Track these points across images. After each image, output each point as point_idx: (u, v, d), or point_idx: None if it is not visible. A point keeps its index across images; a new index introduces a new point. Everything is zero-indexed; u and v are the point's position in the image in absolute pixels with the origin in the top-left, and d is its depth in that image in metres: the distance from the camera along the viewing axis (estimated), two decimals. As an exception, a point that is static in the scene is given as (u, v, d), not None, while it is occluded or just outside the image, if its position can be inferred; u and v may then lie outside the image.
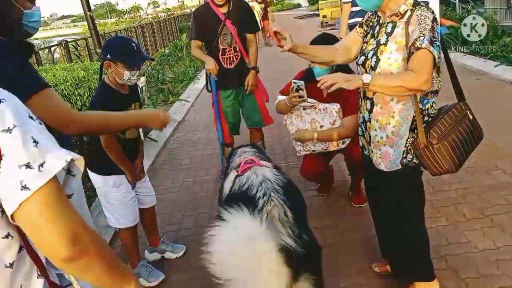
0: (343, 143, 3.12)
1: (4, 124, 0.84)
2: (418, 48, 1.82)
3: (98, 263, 0.96)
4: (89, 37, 7.54)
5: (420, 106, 1.99)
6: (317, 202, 3.58)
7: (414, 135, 2.01)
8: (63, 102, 1.76)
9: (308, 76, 3.05)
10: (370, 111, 2.12)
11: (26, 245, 0.96)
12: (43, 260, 1.01)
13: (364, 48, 2.14)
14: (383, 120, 2.07)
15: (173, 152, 5.45)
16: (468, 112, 2.04)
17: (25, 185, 0.83)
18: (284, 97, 3.12)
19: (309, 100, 3.02)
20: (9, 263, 0.94)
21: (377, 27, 2.08)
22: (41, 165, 0.85)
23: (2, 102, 0.87)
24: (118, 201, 2.65)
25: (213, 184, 4.18)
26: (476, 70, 7.09)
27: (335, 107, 3.04)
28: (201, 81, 9.65)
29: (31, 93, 1.53)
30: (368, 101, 2.13)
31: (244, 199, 1.90)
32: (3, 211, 0.88)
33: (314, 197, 3.65)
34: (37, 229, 0.87)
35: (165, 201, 3.95)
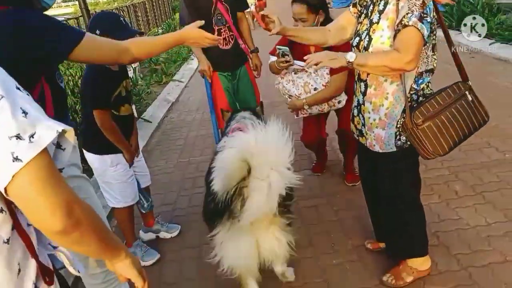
0: (339, 102, 3.17)
1: None
2: (405, 26, 1.77)
3: (91, 235, 0.96)
4: (80, 16, 7.41)
5: (415, 86, 1.95)
6: (311, 181, 3.59)
7: (405, 116, 1.94)
8: (106, 39, 1.80)
9: None
10: (364, 94, 2.08)
11: (16, 225, 0.96)
12: (34, 242, 1.01)
13: (358, 29, 2.09)
14: (377, 101, 2.03)
15: (167, 133, 5.43)
16: (467, 92, 1.95)
17: (17, 156, 0.81)
18: (275, 58, 3.15)
19: (298, 63, 3.04)
20: (6, 239, 0.94)
21: (371, 7, 2.03)
22: (32, 136, 0.83)
23: None
24: (116, 180, 2.64)
25: (207, 164, 4.17)
26: (472, 49, 7.04)
27: (325, 68, 3.04)
28: (194, 61, 9.55)
29: (75, 43, 1.56)
30: (362, 83, 2.09)
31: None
32: None
33: (308, 177, 3.66)
34: (31, 201, 0.85)
35: (159, 181, 3.95)
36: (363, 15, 2.09)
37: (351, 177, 3.45)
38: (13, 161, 0.81)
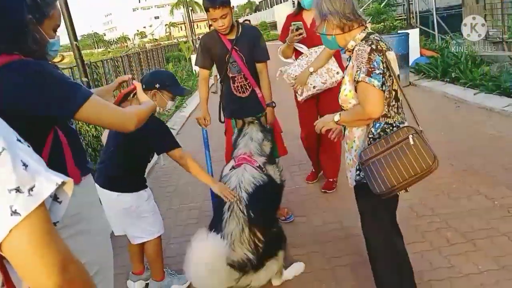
0: (337, 73, 3.67)
1: None
2: (357, 82, 2.03)
3: None
4: (74, 66, 7.56)
5: (373, 130, 2.13)
6: (303, 228, 3.57)
7: None
8: (110, 104, 1.76)
9: (299, 8, 3.86)
10: (344, 136, 2.35)
11: (6, 281, 0.92)
12: None
13: None
14: (350, 143, 2.26)
15: (158, 180, 5.42)
16: (411, 136, 1.99)
17: (15, 210, 0.79)
18: (284, 44, 3.83)
19: (301, 46, 3.76)
20: None
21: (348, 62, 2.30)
22: (31, 189, 0.82)
23: None
24: (151, 212, 2.76)
25: (198, 212, 4.15)
26: (457, 99, 7.26)
27: (323, 48, 3.59)
28: (187, 109, 9.70)
29: (81, 102, 1.53)
30: (343, 127, 2.34)
31: (219, 206, 2.67)
32: None
33: (300, 223, 3.64)
34: (25, 258, 0.83)
35: (149, 229, 3.89)
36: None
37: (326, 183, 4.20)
38: (11, 215, 0.79)
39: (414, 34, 9.66)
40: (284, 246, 2.77)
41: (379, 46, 2.03)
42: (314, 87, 3.70)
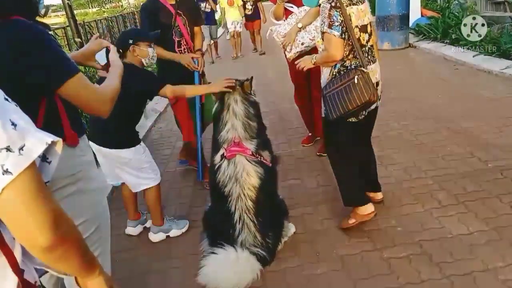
0: None
1: None
2: (322, 33, 2.59)
3: (74, 251, 0.94)
4: (67, 26, 7.41)
5: (334, 71, 2.70)
6: (298, 190, 3.60)
7: None
8: (93, 85, 1.66)
9: None
10: None
11: (0, 243, 0.92)
12: (18, 258, 0.97)
13: None
14: (322, 82, 2.83)
15: (154, 142, 5.42)
16: (357, 77, 2.55)
17: (7, 169, 0.80)
18: (275, 5, 3.96)
19: (291, 5, 3.81)
20: None
21: None
22: (21, 148, 0.82)
23: None
24: (148, 162, 2.96)
25: (194, 174, 4.17)
26: (456, 60, 7.18)
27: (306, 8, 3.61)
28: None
29: (68, 77, 1.49)
30: None
31: (225, 216, 2.66)
32: None
33: (294, 186, 3.68)
34: (18, 216, 0.83)
35: (145, 191, 3.92)
36: None
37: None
38: (3, 174, 0.80)
39: (415, -6, 9.44)
40: (287, 218, 2.94)
41: (338, 4, 2.50)
42: (302, 43, 3.68)
